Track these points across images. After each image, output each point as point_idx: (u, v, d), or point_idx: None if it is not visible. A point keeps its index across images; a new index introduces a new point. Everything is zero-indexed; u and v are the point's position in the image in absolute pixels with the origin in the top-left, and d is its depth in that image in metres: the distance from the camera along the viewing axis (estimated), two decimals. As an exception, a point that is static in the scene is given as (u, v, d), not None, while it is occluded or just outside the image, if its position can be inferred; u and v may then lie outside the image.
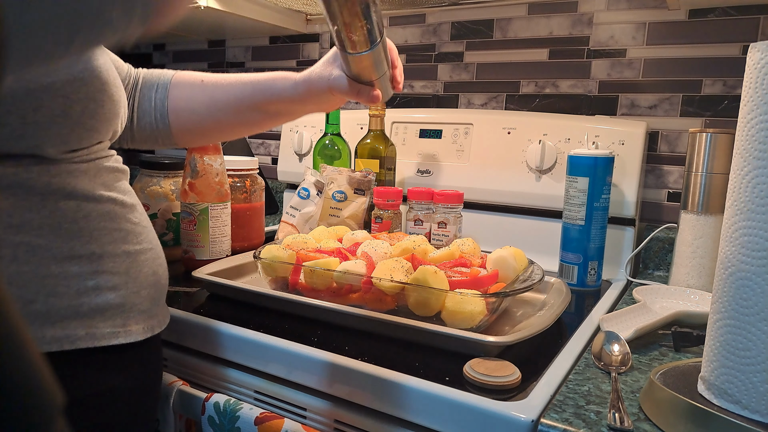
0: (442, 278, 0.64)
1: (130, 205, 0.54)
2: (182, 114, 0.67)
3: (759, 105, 0.42)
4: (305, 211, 1.06)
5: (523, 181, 1.02)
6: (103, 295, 0.48)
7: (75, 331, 0.46)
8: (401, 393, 0.54)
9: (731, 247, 0.44)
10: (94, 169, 0.50)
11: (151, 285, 0.54)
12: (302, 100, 0.64)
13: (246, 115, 0.66)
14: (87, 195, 0.48)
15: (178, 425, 0.66)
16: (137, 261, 0.52)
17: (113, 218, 0.50)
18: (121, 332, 0.49)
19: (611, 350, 0.59)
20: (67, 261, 0.46)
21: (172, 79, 0.68)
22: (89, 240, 0.48)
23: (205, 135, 0.69)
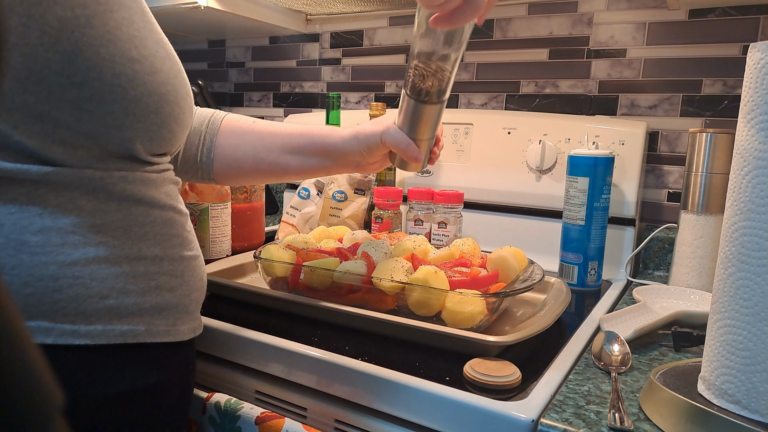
0: (443, 278, 0.64)
1: (185, 214, 0.58)
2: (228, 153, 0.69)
3: (759, 105, 0.42)
4: (305, 211, 1.06)
5: (523, 181, 1.02)
6: (162, 295, 0.51)
7: (137, 327, 0.49)
8: (401, 393, 0.54)
9: (731, 247, 0.44)
10: (160, 179, 0.54)
11: (199, 289, 0.57)
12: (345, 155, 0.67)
13: (288, 159, 0.68)
14: (154, 202, 0.52)
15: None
16: (190, 266, 0.55)
17: (172, 225, 0.54)
18: (172, 331, 0.52)
19: (611, 350, 0.59)
20: (136, 261, 0.50)
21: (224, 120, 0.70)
22: (153, 243, 0.51)
23: (245, 176, 0.71)
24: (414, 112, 0.61)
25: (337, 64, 1.36)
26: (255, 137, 0.69)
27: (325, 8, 1.24)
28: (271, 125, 0.70)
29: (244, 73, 1.51)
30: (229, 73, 1.54)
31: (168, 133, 0.52)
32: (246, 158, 0.69)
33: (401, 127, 0.63)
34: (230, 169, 0.70)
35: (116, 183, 0.49)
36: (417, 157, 0.63)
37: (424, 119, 0.62)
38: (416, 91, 0.60)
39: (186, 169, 0.71)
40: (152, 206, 0.52)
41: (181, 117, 0.53)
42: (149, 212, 0.52)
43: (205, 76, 1.58)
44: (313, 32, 1.39)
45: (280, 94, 1.47)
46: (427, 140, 0.64)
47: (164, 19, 1.28)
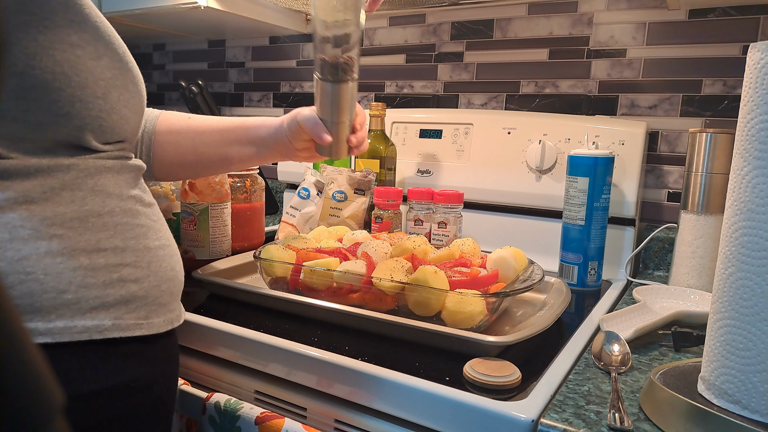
0: (442, 278, 0.64)
1: (149, 203, 0.56)
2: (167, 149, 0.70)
3: (759, 105, 0.42)
4: (305, 211, 1.06)
5: (523, 181, 1.02)
6: (127, 287, 0.50)
7: (103, 322, 0.48)
8: (401, 393, 0.54)
9: (731, 247, 0.44)
10: (117, 167, 0.52)
11: (170, 280, 0.56)
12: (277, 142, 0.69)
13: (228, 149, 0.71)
14: (111, 192, 0.51)
15: (179, 425, 0.66)
16: (157, 256, 0.54)
17: (134, 215, 0.53)
18: (144, 324, 0.51)
19: (611, 350, 0.59)
20: (95, 253, 0.48)
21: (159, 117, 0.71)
22: (113, 234, 0.50)
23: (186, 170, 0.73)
24: (322, 92, 0.64)
25: (337, 64, 1.36)
26: (193, 133, 0.70)
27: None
28: (208, 120, 0.72)
29: (244, 73, 1.51)
30: (229, 73, 1.54)
31: (119, 119, 0.51)
32: (187, 154, 0.70)
33: (316, 112, 0.66)
34: (171, 166, 0.71)
35: (66, 172, 0.48)
36: (322, 137, 0.65)
37: (333, 99, 0.64)
38: (322, 70, 0.63)
39: None
40: (109, 196, 0.51)
41: (132, 101, 0.52)
42: (106, 202, 0.50)
43: (205, 76, 1.58)
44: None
45: (280, 94, 1.47)
46: (339, 123, 0.66)
47: (164, 19, 1.28)
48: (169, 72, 1.65)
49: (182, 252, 0.90)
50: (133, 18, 1.25)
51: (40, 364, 0.20)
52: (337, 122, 0.66)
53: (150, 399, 0.52)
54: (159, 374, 0.53)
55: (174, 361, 0.57)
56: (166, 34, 1.50)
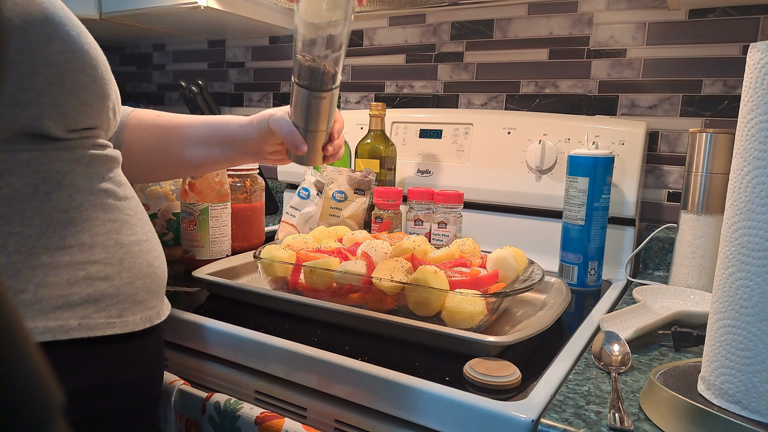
0: (442, 278, 0.64)
1: (124, 196, 0.54)
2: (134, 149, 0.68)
3: (759, 105, 0.42)
4: (305, 211, 1.06)
5: (523, 181, 1.02)
6: (95, 285, 0.48)
7: (68, 322, 0.46)
8: (401, 393, 0.54)
9: (731, 247, 0.44)
10: (87, 158, 0.50)
11: (147, 276, 0.53)
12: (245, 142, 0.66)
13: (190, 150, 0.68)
14: (79, 185, 0.49)
15: (179, 425, 0.66)
16: (131, 252, 0.52)
17: (106, 209, 0.51)
18: (117, 323, 0.49)
19: (611, 350, 0.59)
20: (58, 251, 0.46)
21: (129, 115, 0.69)
22: (81, 230, 0.48)
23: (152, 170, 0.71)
24: (300, 99, 0.59)
25: (337, 64, 1.36)
26: (159, 130, 0.68)
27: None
28: (175, 117, 0.69)
29: (244, 73, 1.51)
30: (229, 73, 1.54)
31: (80, 104, 0.48)
32: (151, 152, 0.68)
33: (291, 117, 0.61)
34: (138, 166, 0.69)
35: (26, 166, 0.45)
36: (298, 147, 0.61)
37: (312, 108, 0.59)
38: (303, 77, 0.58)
39: None
40: (77, 190, 0.48)
41: (93, 85, 0.49)
42: (74, 196, 0.48)
43: (205, 76, 1.58)
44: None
45: (280, 94, 1.47)
46: (317, 132, 0.61)
47: (164, 19, 1.28)
48: (169, 72, 1.65)
49: (182, 252, 0.90)
50: (133, 18, 1.25)
51: (40, 363, 0.20)
52: (314, 131, 0.61)
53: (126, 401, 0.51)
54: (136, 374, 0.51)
55: (154, 360, 0.55)
56: (166, 34, 1.50)
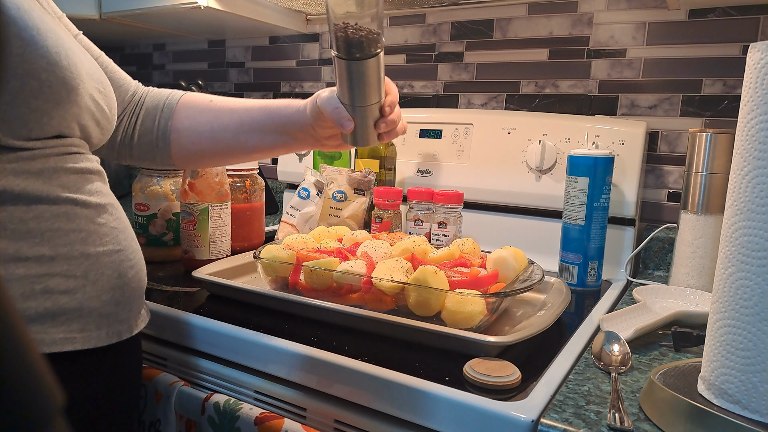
0: (442, 278, 0.64)
1: (96, 205, 0.51)
2: (184, 134, 0.66)
3: (759, 105, 0.42)
4: (305, 211, 1.06)
5: (523, 181, 1.02)
6: (54, 299, 0.46)
7: None
8: (401, 393, 0.54)
9: (731, 247, 0.44)
10: (50, 170, 0.47)
11: (115, 288, 0.51)
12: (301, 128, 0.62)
13: (245, 137, 0.65)
14: (39, 196, 0.46)
15: (179, 426, 0.66)
16: (98, 263, 0.50)
17: (71, 219, 0.48)
18: (78, 338, 0.47)
19: (611, 350, 0.59)
20: (12, 263, 0.44)
21: (181, 99, 0.67)
22: (39, 241, 0.46)
23: (203, 157, 0.68)
24: (341, 71, 0.54)
25: (337, 64, 1.36)
26: (211, 115, 0.65)
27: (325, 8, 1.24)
28: (229, 102, 0.66)
29: (244, 73, 1.51)
30: (229, 73, 1.54)
31: (28, 111, 0.44)
32: (202, 138, 0.65)
33: (337, 93, 0.56)
34: (188, 152, 0.66)
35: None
36: (343, 124, 0.55)
37: (355, 80, 0.53)
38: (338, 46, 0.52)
39: (143, 156, 0.68)
40: (37, 201, 0.46)
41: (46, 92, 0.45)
42: (32, 208, 0.46)
43: (205, 76, 1.58)
44: (313, 32, 1.39)
45: (280, 94, 1.47)
46: (364, 107, 0.55)
47: (164, 19, 1.28)
48: (169, 72, 1.65)
49: (182, 252, 0.90)
50: (133, 18, 1.25)
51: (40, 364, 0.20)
52: (361, 106, 0.55)
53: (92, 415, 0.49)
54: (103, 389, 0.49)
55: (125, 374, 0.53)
56: (166, 34, 1.50)
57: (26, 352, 0.19)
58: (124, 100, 0.67)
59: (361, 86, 0.54)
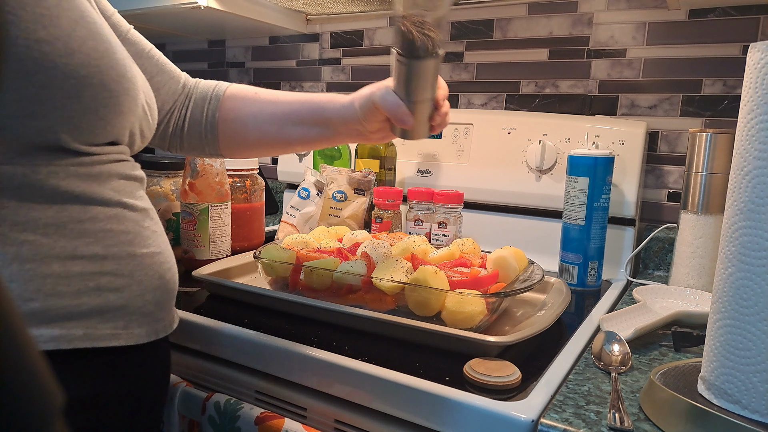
0: (442, 278, 0.64)
1: (141, 209, 0.54)
2: (231, 125, 0.68)
3: (759, 105, 0.42)
4: (305, 211, 1.06)
5: (523, 181, 1.02)
6: (104, 296, 0.48)
7: (73, 331, 0.46)
8: (401, 393, 0.54)
9: (731, 247, 0.44)
10: (105, 174, 0.50)
11: (157, 288, 0.53)
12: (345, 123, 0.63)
13: (290, 129, 0.66)
14: (94, 198, 0.49)
15: (182, 425, 0.66)
16: (143, 264, 0.52)
17: (120, 221, 0.51)
18: (123, 334, 0.49)
19: (611, 350, 0.59)
20: (70, 261, 0.46)
21: (226, 91, 0.69)
22: (93, 241, 0.48)
23: (249, 147, 0.70)
24: (401, 70, 0.56)
25: (337, 64, 1.36)
26: (256, 107, 0.67)
27: (325, 8, 1.24)
28: (273, 94, 0.68)
29: (244, 73, 1.51)
30: (229, 73, 1.54)
31: (97, 119, 0.47)
32: (248, 130, 0.67)
33: (394, 89, 0.58)
34: (234, 143, 0.69)
35: (45, 179, 0.46)
36: (404, 120, 0.58)
37: (414, 77, 0.56)
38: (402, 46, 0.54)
39: (193, 146, 0.70)
40: (92, 202, 0.48)
41: (112, 101, 0.48)
42: (88, 209, 0.48)
43: (205, 76, 1.57)
44: (313, 32, 1.39)
45: (280, 94, 1.47)
46: (422, 102, 0.58)
47: (164, 19, 1.28)
48: (169, 72, 1.65)
49: (182, 252, 0.90)
50: (133, 18, 1.25)
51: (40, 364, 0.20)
52: (419, 101, 0.57)
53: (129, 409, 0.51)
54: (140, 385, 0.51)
55: (160, 372, 0.55)
56: (166, 34, 1.50)
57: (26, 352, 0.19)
58: (175, 91, 0.69)
59: (421, 83, 0.56)
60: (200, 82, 0.72)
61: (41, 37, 0.43)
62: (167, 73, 0.69)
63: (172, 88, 0.69)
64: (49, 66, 0.44)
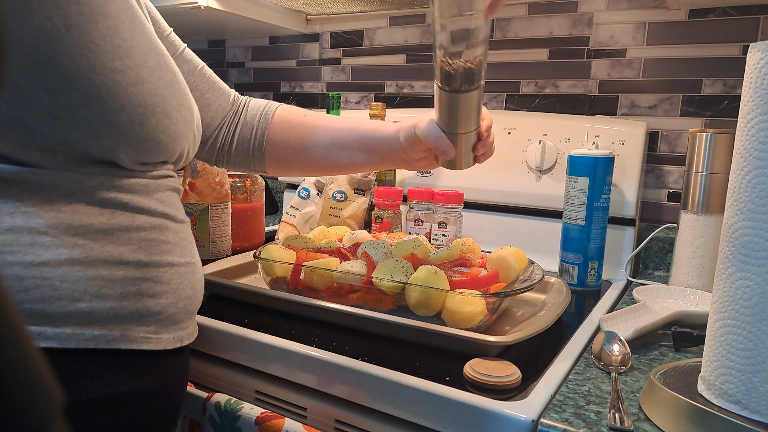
0: (443, 278, 0.64)
1: (181, 220, 0.56)
2: (278, 147, 0.70)
3: (759, 105, 0.42)
4: (305, 211, 1.06)
5: (523, 181, 1.02)
6: (143, 302, 0.50)
7: (112, 332, 0.48)
8: (401, 393, 0.54)
9: (731, 247, 0.44)
10: (153, 186, 0.53)
11: (188, 298, 0.55)
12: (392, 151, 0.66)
13: (336, 154, 0.69)
14: (142, 209, 0.51)
15: (182, 425, 0.66)
16: (179, 273, 0.54)
17: (163, 231, 0.53)
18: (153, 339, 0.51)
19: (611, 350, 0.59)
20: (116, 266, 0.48)
21: (276, 111, 0.71)
22: (138, 248, 0.50)
23: (295, 169, 0.72)
24: (443, 103, 0.56)
25: (337, 64, 1.36)
26: (305, 131, 0.69)
27: (325, 8, 1.24)
28: (321, 119, 0.70)
29: (244, 73, 1.51)
30: (229, 73, 1.54)
31: (155, 144, 0.50)
32: (295, 152, 0.69)
33: (437, 121, 0.59)
34: (281, 164, 0.71)
35: (98, 187, 0.48)
36: (446, 152, 0.59)
37: (456, 110, 0.56)
38: (443, 79, 0.54)
39: (239, 162, 0.72)
40: (140, 212, 0.51)
41: (172, 128, 0.51)
42: (135, 217, 0.51)
43: (205, 76, 1.58)
44: (313, 32, 1.39)
45: (280, 94, 1.47)
46: (464, 134, 0.58)
47: (164, 19, 1.28)
48: (169, 72, 1.65)
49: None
50: (133, 18, 1.25)
51: (40, 364, 0.20)
52: (462, 133, 0.58)
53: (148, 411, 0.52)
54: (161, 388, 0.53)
55: (179, 377, 0.57)
56: (166, 34, 1.50)
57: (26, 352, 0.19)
58: (224, 108, 0.72)
59: (464, 116, 0.57)
60: (251, 100, 0.74)
61: (117, 66, 0.46)
62: (218, 90, 0.71)
63: (221, 105, 0.71)
64: (121, 93, 0.46)
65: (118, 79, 0.46)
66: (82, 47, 0.44)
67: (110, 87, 0.45)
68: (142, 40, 0.49)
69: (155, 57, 0.50)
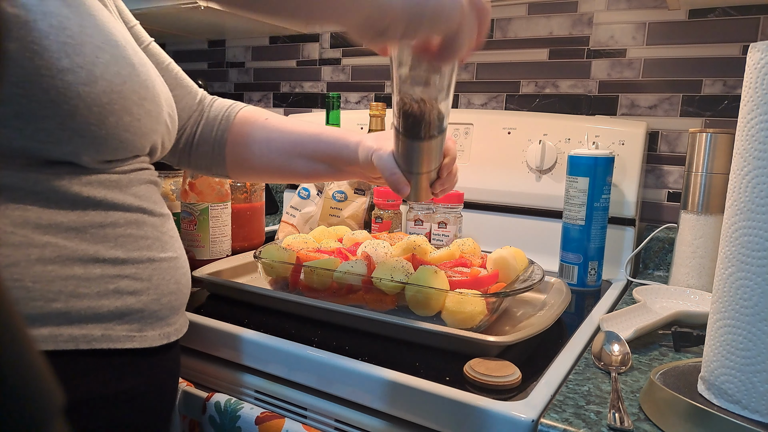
0: (443, 278, 0.64)
1: (160, 214, 0.55)
2: (238, 149, 0.68)
3: (759, 105, 0.42)
4: (305, 211, 1.06)
5: (523, 181, 1.02)
6: (123, 299, 0.49)
7: (92, 332, 0.46)
8: (401, 393, 0.54)
9: (731, 247, 0.44)
10: (125, 180, 0.51)
11: (172, 293, 0.54)
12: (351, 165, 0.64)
13: (296, 162, 0.67)
14: (116, 204, 0.50)
15: (183, 426, 0.66)
16: (160, 269, 0.53)
17: (140, 226, 0.51)
18: (137, 337, 0.50)
19: (611, 350, 0.59)
20: (91, 264, 0.47)
21: (238, 114, 0.69)
22: (114, 245, 0.49)
23: (256, 173, 0.70)
24: (402, 146, 0.54)
25: (337, 64, 1.36)
26: (264, 135, 0.67)
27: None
28: (283, 123, 0.68)
29: (244, 73, 1.51)
30: (229, 73, 1.54)
31: (118, 143, 0.48)
32: (255, 157, 0.67)
33: (395, 156, 0.56)
34: (241, 168, 0.69)
35: (66, 186, 0.46)
36: (400, 190, 0.57)
37: (415, 155, 0.54)
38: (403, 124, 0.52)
39: (201, 164, 0.70)
40: (113, 208, 0.49)
41: (135, 125, 0.49)
42: (109, 214, 0.49)
43: (205, 76, 1.58)
44: (313, 32, 1.39)
45: (280, 94, 1.47)
46: (422, 174, 0.56)
47: (164, 19, 1.28)
48: (169, 72, 1.65)
49: (182, 252, 0.90)
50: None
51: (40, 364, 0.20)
52: (419, 173, 0.56)
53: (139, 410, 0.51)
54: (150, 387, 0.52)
55: (169, 374, 0.56)
56: (166, 34, 1.50)
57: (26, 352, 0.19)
58: (191, 107, 0.70)
59: (421, 159, 0.54)
60: (216, 100, 0.71)
61: (65, 66, 0.43)
62: (184, 88, 0.69)
63: (188, 103, 0.69)
64: (73, 95, 0.44)
65: (67, 80, 0.43)
66: (25, 50, 0.41)
67: (60, 89, 0.43)
68: (94, 35, 0.47)
69: (109, 51, 0.47)
